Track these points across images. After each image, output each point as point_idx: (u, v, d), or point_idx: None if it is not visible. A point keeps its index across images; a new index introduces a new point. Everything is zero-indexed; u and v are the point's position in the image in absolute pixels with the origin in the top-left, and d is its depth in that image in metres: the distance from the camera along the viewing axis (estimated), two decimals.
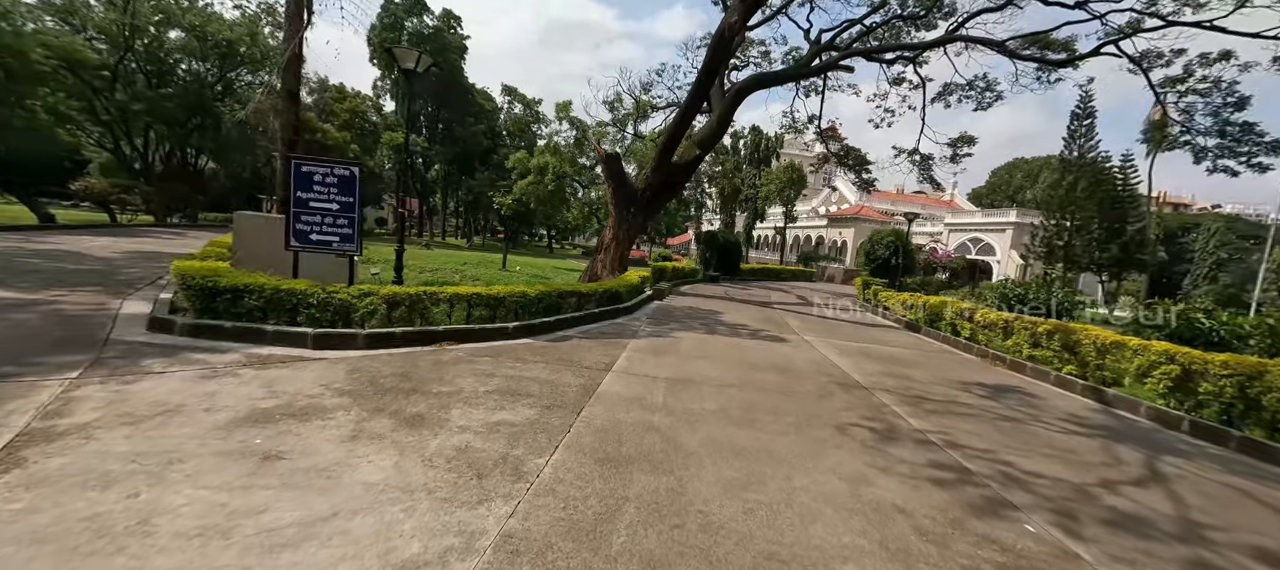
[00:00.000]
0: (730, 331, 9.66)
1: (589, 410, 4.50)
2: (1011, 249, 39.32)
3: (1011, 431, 5.12)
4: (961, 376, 7.69)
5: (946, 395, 6.37)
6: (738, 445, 4.02)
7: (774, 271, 30.98)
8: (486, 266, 20.40)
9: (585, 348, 7.04)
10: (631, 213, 15.15)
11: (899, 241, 21.47)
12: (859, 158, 27.43)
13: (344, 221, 6.91)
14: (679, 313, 11.79)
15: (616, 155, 14.92)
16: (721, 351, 7.65)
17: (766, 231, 60.68)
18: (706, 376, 6.05)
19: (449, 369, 5.35)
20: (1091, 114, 27.91)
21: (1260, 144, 13.72)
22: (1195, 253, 42.32)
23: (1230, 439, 5.44)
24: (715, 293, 17.95)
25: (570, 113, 24.63)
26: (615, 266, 15.26)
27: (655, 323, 9.92)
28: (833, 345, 9.26)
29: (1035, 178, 72.24)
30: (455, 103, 46.28)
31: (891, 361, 8.27)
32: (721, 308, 13.48)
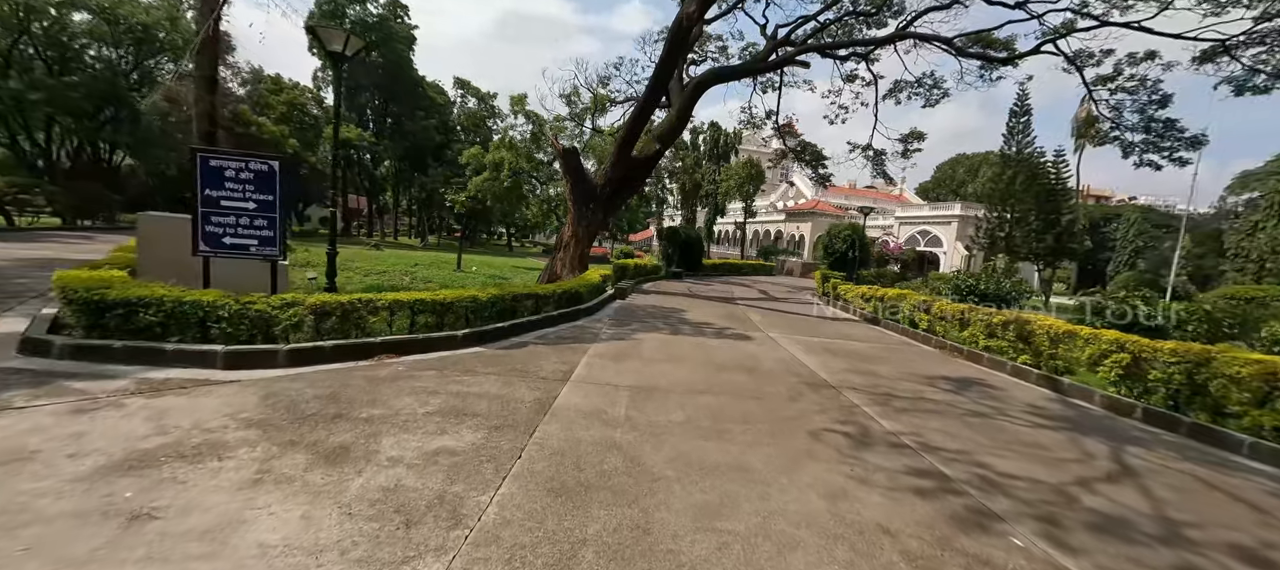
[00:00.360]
0: (695, 331, 9.38)
1: (544, 429, 4.05)
2: (957, 240, 41.18)
3: (981, 428, 5.03)
4: (924, 370, 7.69)
5: (913, 391, 6.28)
6: (708, 462, 3.68)
7: (735, 266, 31.18)
8: (440, 267, 19.41)
9: (542, 355, 6.55)
10: (591, 209, 14.67)
11: (856, 235, 21.93)
12: (815, 153, 27.88)
13: (263, 222, 6.14)
14: (642, 312, 11.44)
15: (574, 150, 14.39)
16: (687, 353, 7.34)
17: (727, 226, 61.40)
18: (672, 382, 5.70)
19: (385, 387, 4.77)
20: (1028, 111, 29.49)
21: (1181, 139, 14.66)
22: (1116, 241, 45.72)
23: (1180, 425, 5.57)
24: (678, 290, 17.73)
25: (526, 107, 23.77)
26: (575, 265, 14.76)
27: (617, 324, 9.52)
28: (798, 342, 9.14)
29: (975, 172, 76.39)
30: (404, 96, 44.16)
31: (856, 357, 8.20)
32: (685, 305, 13.23)
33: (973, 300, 13.11)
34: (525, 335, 7.70)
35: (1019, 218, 29.35)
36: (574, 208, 14.77)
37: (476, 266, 21.05)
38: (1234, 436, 5.12)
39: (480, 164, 27.75)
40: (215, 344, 5.15)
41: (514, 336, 7.51)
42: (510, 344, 7.05)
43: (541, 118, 24.53)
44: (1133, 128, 15.42)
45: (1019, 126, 29.37)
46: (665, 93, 16.32)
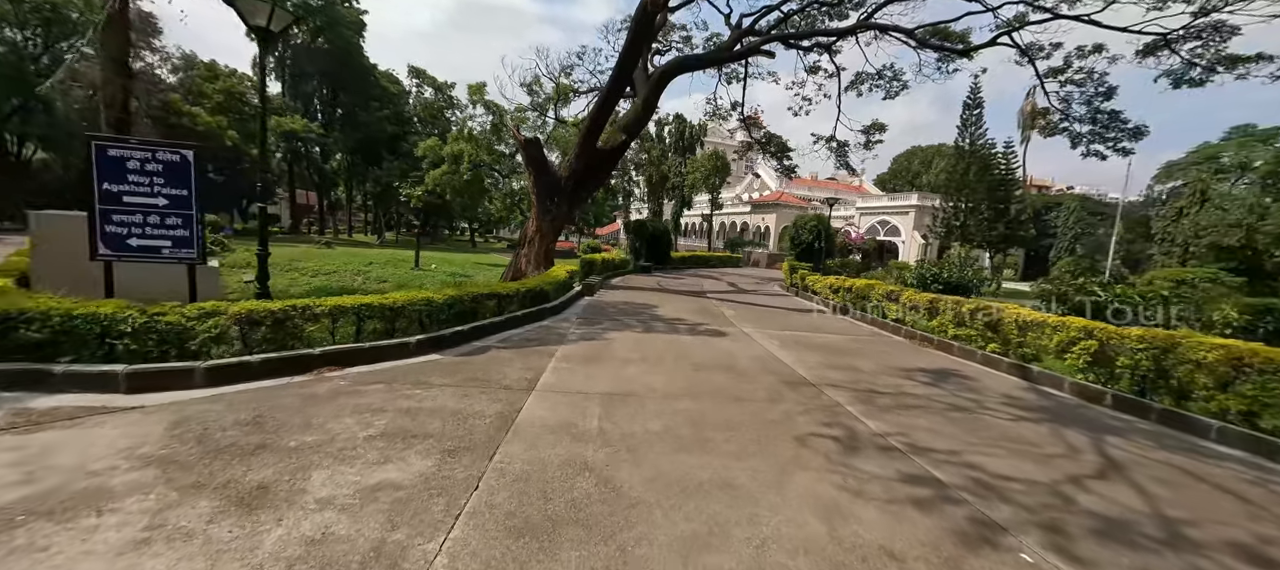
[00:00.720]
0: (668, 328, 9.04)
1: (505, 450, 3.60)
2: (914, 229, 42.57)
3: (965, 424, 4.89)
4: (900, 362, 7.61)
5: (893, 386, 6.13)
6: (691, 479, 3.33)
7: (703, 258, 31.12)
8: (397, 266, 18.39)
9: (505, 361, 6.05)
10: (555, 202, 14.10)
11: (821, 226, 22.15)
12: (780, 144, 28.01)
13: (176, 220, 5.38)
14: (612, 309, 11.02)
15: (536, 140, 13.76)
16: (661, 353, 6.98)
17: (694, 219, 61.58)
18: (647, 387, 5.33)
19: (323, 406, 4.19)
20: (980, 104, 30.57)
21: (1124, 130, 15.32)
22: (1057, 228, 48.32)
23: (1150, 411, 5.61)
24: (648, 284, 17.39)
25: (485, 96, 22.73)
26: (541, 261, 14.19)
27: (586, 323, 9.07)
28: (772, 336, 8.94)
29: (929, 164, 79.40)
30: (354, 85, 41.88)
31: (832, 351, 8.05)
32: (656, 301, 12.89)
33: (936, 288, 13.33)
34: (487, 339, 7.16)
35: (972, 207, 30.48)
36: (537, 201, 14.17)
37: (436, 264, 20.09)
38: (1202, 421, 5.17)
39: (438, 156, 26.47)
40: (118, 363, 4.42)
41: (475, 341, 6.96)
42: (470, 349, 6.51)
43: (502, 108, 23.50)
44: (1080, 119, 16.02)
45: (972, 119, 30.43)
46: (630, 82, 15.87)
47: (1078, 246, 46.95)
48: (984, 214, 30.04)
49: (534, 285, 9.67)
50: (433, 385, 4.91)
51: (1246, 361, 4.94)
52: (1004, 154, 31.15)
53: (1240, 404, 4.98)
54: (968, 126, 30.93)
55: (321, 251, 23.72)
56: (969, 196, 30.47)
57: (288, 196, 44.85)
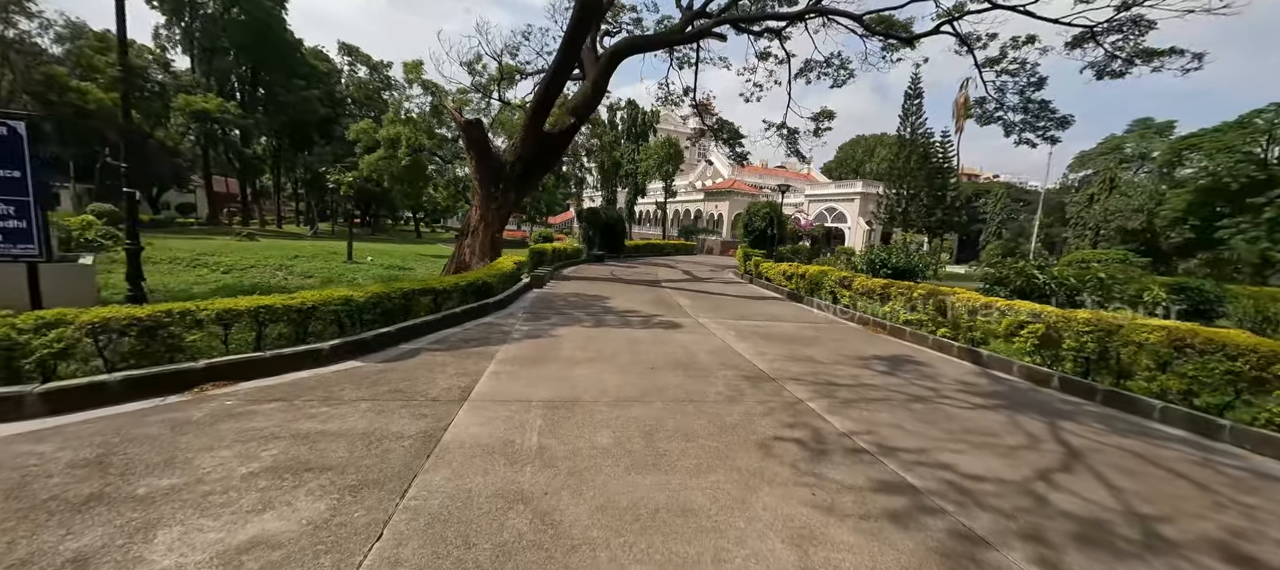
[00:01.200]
0: (620, 321, 8.56)
1: (424, 481, 3.01)
2: (860, 216, 44.07)
3: (927, 416, 4.71)
4: (855, 350, 7.49)
5: (852, 377, 5.94)
6: (645, 505, 2.88)
7: (658, 247, 30.82)
8: (327, 259, 16.92)
9: (438, 365, 5.38)
10: (500, 189, 13.26)
11: (774, 213, 22.29)
12: (732, 131, 27.96)
13: (8, 209, 4.34)
14: (562, 302, 10.42)
15: (478, 122, 12.82)
16: (613, 350, 6.49)
17: (648, 207, 61.29)
18: (597, 390, 4.83)
19: (196, 435, 3.43)
20: (920, 94, 31.78)
21: (1052, 119, 16.12)
22: (986, 214, 51.50)
23: (1095, 392, 5.69)
24: (601, 274, 16.83)
25: (422, 75, 21.09)
26: (486, 252, 13.34)
27: (533, 318, 8.44)
28: (728, 327, 8.65)
29: (872, 152, 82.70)
30: (276, 61, 38.41)
31: (788, 341, 7.84)
32: (609, 292, 12.38)
33: (885, 273, 13.57)
34: (420, 340, 6.42)
35: (913, 194, 31.78)
36: (481, 188, 13.28)
37: (372, 257, 18.67)
38: (1145, 401, 5.25)
39: (373, 140, 24.58)
40: None
41: (404, 343, 6.21)
42: (398, 353, 5.77)
43: (442, 88, 21.97)
44: (1014, 108, 16.73)
45: (913, 108, 31.61)
46: (578, 63, 15.12)
47: (1004, 231, 50.52)
48: (924, 201, 31.38)
49: (476, 278, 8.92)
50: (344, 400, 4.20)
51: (1188, 342, 5.04)
52: (941, 143, 32.61)
53: (1180, 384, 5.08)
54: (908, 116, 32.12)
55: (242, 244, 21.58)
56: (910, 184, 31.73)
57: (203, 184, 40.70)
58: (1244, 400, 4.76)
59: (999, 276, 9.77)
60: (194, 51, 37.38)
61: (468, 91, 22.54)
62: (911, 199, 31.68)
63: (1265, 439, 4.37)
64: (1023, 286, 9.10)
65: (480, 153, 12.97)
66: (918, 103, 31.83)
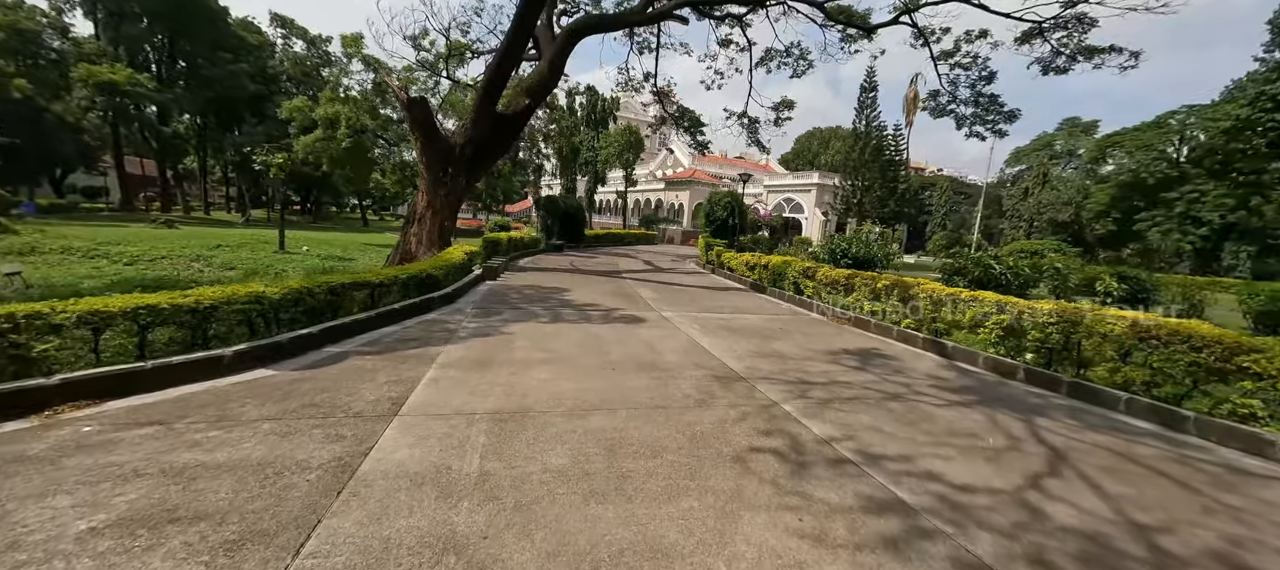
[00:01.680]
0: (579, 316, 8.01)
1: (330, 528, 2.41)
2: (816, 207, 44.96)
3: (905, 417, 4.46)
4: (823, 344, 7.26)
5: (824, 374, 5.66)
6: (606, 545, 2.39)
7: (619, 236, 30.28)
8: (256, 249, 15.40)
9: (366, 372, 4.68)
10: (449, 174, 12.34)
11: (735, 202, 22.18)
12: (693, 119, 27.63)
13: None
14: (516, 295, 9.74)
15: (423, 101, 11.80)
16: (571, 349, 5.95)
17: (608, 196, 60.50)
18: (552, 398, 4.29)
19: (28, 476, 2.66)
20: (875, 87, 32.56)
21: (1001, 113, 16.64)
22: (932, 207, 53.77)
23: (1060, 383, 5.64)
24: (560, 264, 16.14)
25: (362, 48, 19.40)
26: (434, 241, 12.43)
27: (484, 313, 7.76)
28: (693, 320, 8.26)
29: (827, 144, 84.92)
30: (199, 31, 34.94)
31: (755, 335, 7.53)
32: (567, 283, 11.76)
33: (845, 263, 13.58)
34: (349, 342, 5.66)
35: (867, 185, 32.61)
36: (428, 172, 12.31)
37: (308, 247, 17.19)
38: (1109, 393, 5.23)
39: (309, 120, 22.62)
40: None
41: (330, 346, 5.45)
42: (321, 358, 5.02)
43: (385, 64, 20.34)
44: (965, 101, 17.18)
45: (868, 101, 32.34)
46: (533, 41, 14.29)
47: (948, 222, 53.14)
48: (878, 192, 32.25)
49: (420, 270, 8.13)
50: (241, 421, 3.48)
51: (1152, 333, 5.02)
52: (894, 137, 33.57)
53: (1143, 375, 5.06)
54: (864, 109, 32.85)
55: (157, 233, 19.46)
56: (865, 175, 32.52)
57: (114, 165, 36.68)
58: (1201, 390, 4.78)
59: (958, 267, 9.88)
60: (98, 16, 33.39)
61: (414, 69, 21.08)
62: (866, 190, 32.49)
63: (1229, 430, 4.36)
64: (980, 276, 9.21)
65: (427, 134, 11.99)
66: (872, 95, 32.61)
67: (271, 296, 5.18)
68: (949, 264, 10.42)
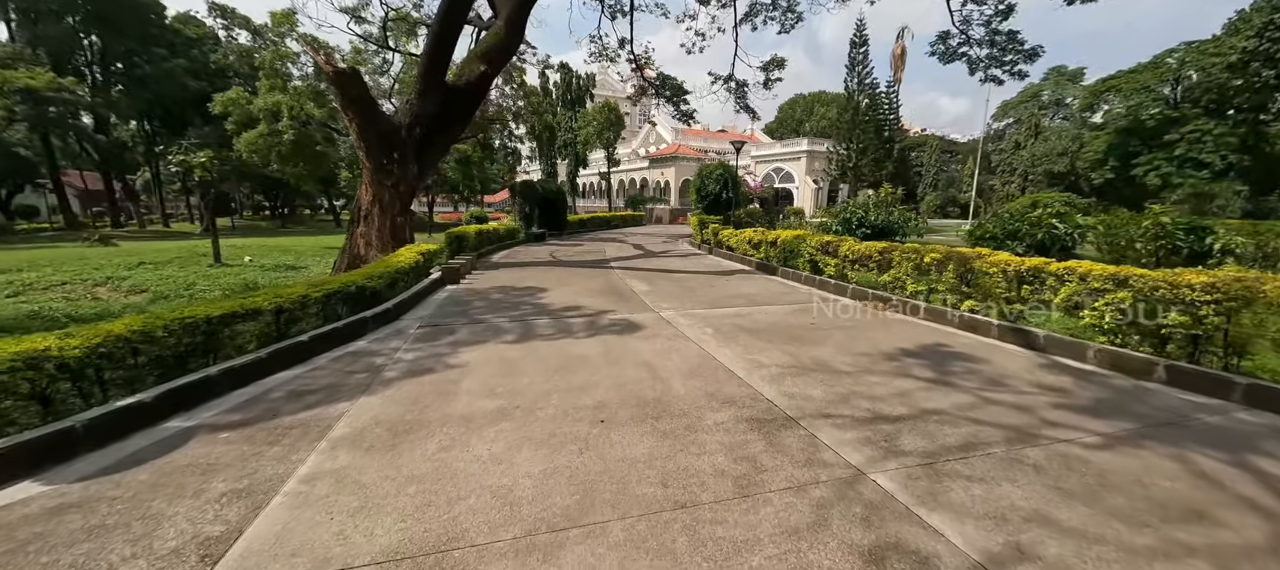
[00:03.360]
0: (557, 327, 6.26)
1: None
2: (806, 174, 43.28)
3: (1065, 481, 2.82)
4: (874, 343, 5.60)
5: (902, 400, 3.99)
6: None
7: (604, 219, 28.41)
8: (188, 265, 13.32)
9: (199, 471, 2.89)
10: (395, 161, 10.40)
11: (728, 175, 20.38)
12: (676, 87, 25.61)
13: None
14: (480, 302, 7.93)
15: (354, 73, 9.76)
16: (540, 387, 4.21)
17: (591, 178, 58.34)
18: (498, 507, 2.56)
19: None
20: (866, 42, 30.59)
21: (1021, 52, 14.90)
22: (922, 167, 52.44)
23: (1231, 388, 4.04)
24: (538, 256, 14.30)
25: (296, 26, 16.96)
26: (386, 242, 10.56)
27: (430, 335, 5.96)
28: (701, 321, 6.56)
29: (810, 111, 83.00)
30: (131, 27, 31.83)
31: (784, 337, 5.85)
32: (545, 280, 9.96)
33: (863, 233, 11.94)
34: (213, 405, 3.87)
35: (863, 148, 30.90)
36: (369, 160, 10.36)
37: (254, 256, 15.12)
38: None
39: (247, 114, 20.21)
40: None
41: (179, 416, 3.65)
42: (144, 447, 3.22)
43: (326, 43, 17.93)
44: (979, 42, 15.43)
45: (860, 57, 30.41)
46: None
47: (938, 182, 52.14)
48: (874, 154, 30.58)
49: (347, 284, 6.28)
50: None
51: None
52: (887, 95, 31.78)
53: None
54: (856, 66, 30.94)
55: (88, 252, 17.23)
56: (860, 137, 30.79)
57: (51, 180, 33.70)
58: None
59: (1010, 229, 8.24)
60: (9, 17, 30.15)
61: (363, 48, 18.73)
62: (862, 153, 30.80)
63: None
64: (1043, 240, 7.60)
65: (363, 114, 10.00)
66: (864, 51, 30.68)
67: (72, 352, 3.36)
68: (988, 227, 8.77)
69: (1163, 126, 37.50)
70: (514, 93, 21.27)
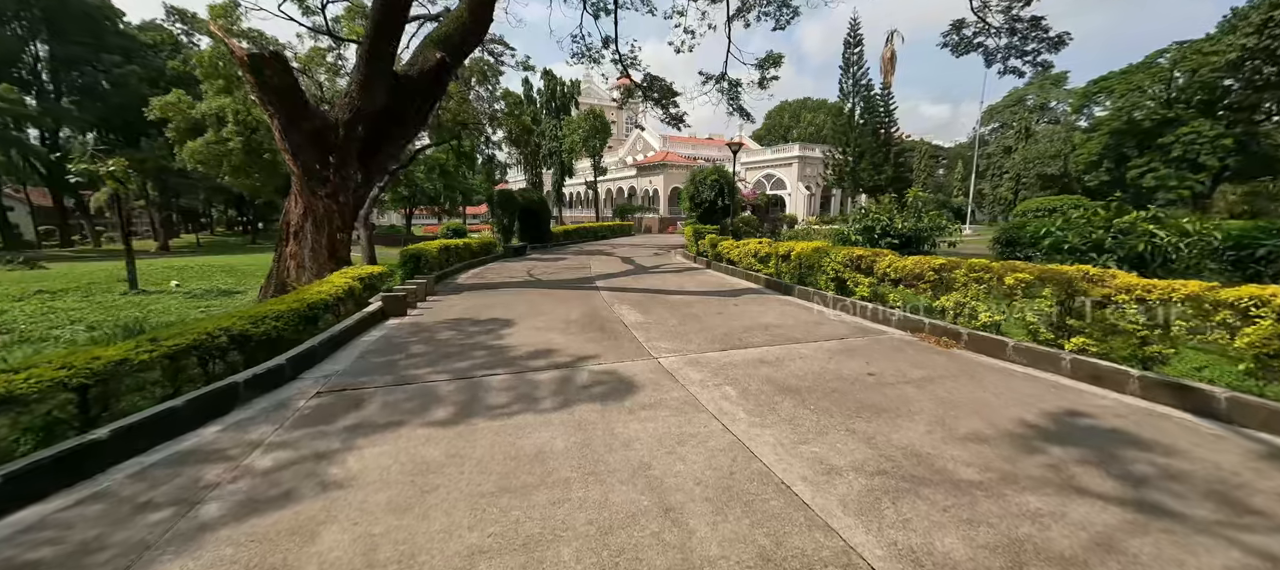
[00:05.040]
0: (512, 393, 4.40)
1: None
2: (799, 181, 41.99)
3: None
4: (986, 414, 3.86)
5: (1097, 546, 2.24)
6: None
7: (591, 230, 26.64)
8: (93, 292, 11.18)
9: None
10: (331, 165, 8.56)
11: (723, 180, 18.74)
12: (665, 88, 23.99)
13: None
14: (422, 344, 6.03)
15: (276, 57, 7.89)
16: (462, 537, 2.39)
17: (578, 188, 56.65)
18: None
19: None
20: (860, 41, 29.38)
21: (1044, 39, 13.54)
22: (913, 171, 51.52)
23: None
24: (514, 275, 12.43)
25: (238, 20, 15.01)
26: (322, 263, 8.72)
27: (329, 407, 4.06)
28: (717, 372, 4.77)
29: (797, 117, 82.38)
30: (71, 33, 29.54)
31: (845, 405, 4.08)
32: (514, 309, 8.09)
33: (886, 243, 10.34)
34: None
35: (861, 152, 29.57)
36: (297, 164, 8.51)
37: (184, 281, 13.05)
38: None
39: (189, 119, 18.14)
40: None
41: None
42: None
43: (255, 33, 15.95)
44: (998, 29, 14.05)
45: (855, 57, 29.18)
46: None
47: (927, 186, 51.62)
48: (873, 158, 29.25)
49: (201, 337, 4.37)
50: None
51: None
52: (883, 97, 30.58)
53: None
54: (850, 66, 29.69)
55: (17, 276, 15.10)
56: (858, 141, 29.46)
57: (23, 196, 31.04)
58: None
59: (1090, 240, 6.59)
60: None
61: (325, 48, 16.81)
62: (860, 157, 29.46)
63: None
64: (1143, 252, 5.97)
65: (286, 107, 8.14)
66: (858, 51, 29.45)
67: None
68: (1070, 237, 7.08)
69: (1157, 128, 36.84)
70: (489, 95, 19.48)
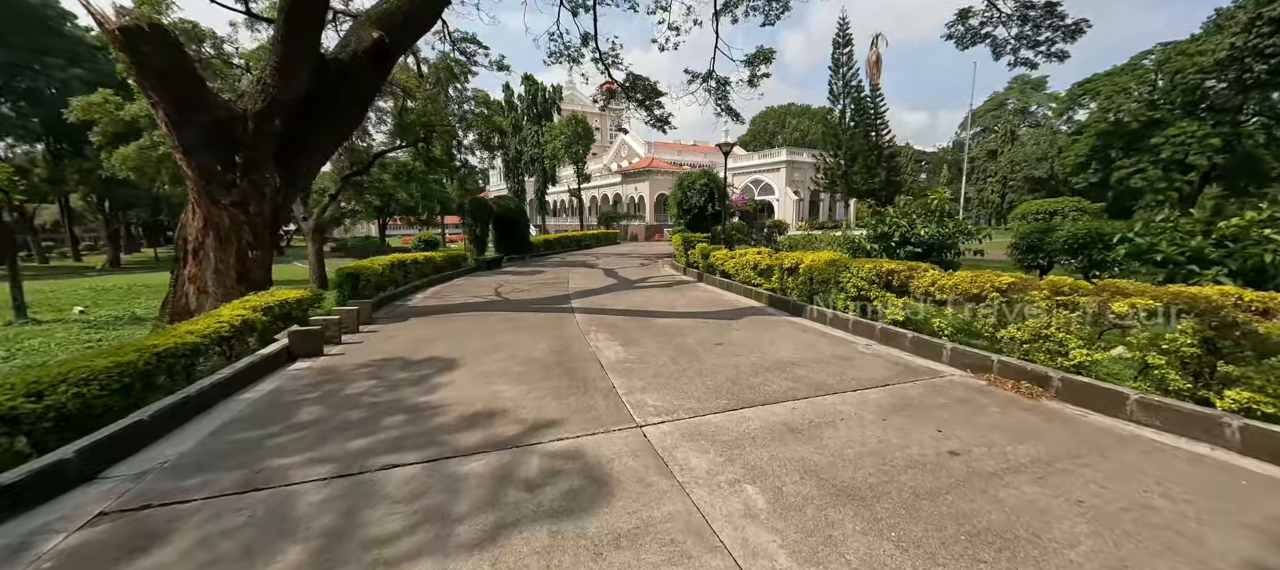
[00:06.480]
0: (418, 502, 2.85)
1: None
2: (787, 186, 41.02)
3: None
4: (1167, 536, 2.43)
5: None
6: None
7: (575, 239, 25.11)
8: None
9: None
10: (238, 167, 6.94)
11: (713, 185, 17.40)
12: (649, 88, 22.61)
13: None
14: (316, 408, 4.41)
15: (157, 29, 6.30)
16: None
17: (561, 195, 55.12)
18: None
19: None
20: (849, 41, 28.48)
21: (1060, 27, 12.45)
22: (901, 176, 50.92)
23: None
24: (478, 293, 10.82)
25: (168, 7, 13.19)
26: (229, 286, 7.07)
27: (95, 553, 2.48)
28: (726, 451, 3.30)
29: (783, 122, 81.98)
30: (18, 33, 27.28)
31: (934, 529, 2.62)
32: (464, 343, 6.49)
33: (905, 253, 9.03)
34: None
35: (853, 155, 28.57)
36: (191, 166, 6.88)
37: (89, 307, 11.20)
38: None
39: (118, 122, 16.27)
40: None
41: None
42: None
43: (209, 31, 14.15)
44: (1008, 18, 12.96)
45: (844, 58, 28.25)
46: None
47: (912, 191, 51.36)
48: (866, 161, 28.26)
49: None
50: None
51: None
52: (873, 99, 29.70)
53: None
54: (840, 67, 28.74)
55: None
56: (850, 144, 28.45)
57: None
58: None
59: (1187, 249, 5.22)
60: None
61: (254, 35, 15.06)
62: (852, 160, 28.44)
63: None
64: (1258, 265, 4.67)
65: (175, 94, 6.52)
66: (848, 51, 28.52)
67: None
68: (1163, 248, 5.67)
69: (1144, 130, 36.64)
70: (457, 95, 17.91)
